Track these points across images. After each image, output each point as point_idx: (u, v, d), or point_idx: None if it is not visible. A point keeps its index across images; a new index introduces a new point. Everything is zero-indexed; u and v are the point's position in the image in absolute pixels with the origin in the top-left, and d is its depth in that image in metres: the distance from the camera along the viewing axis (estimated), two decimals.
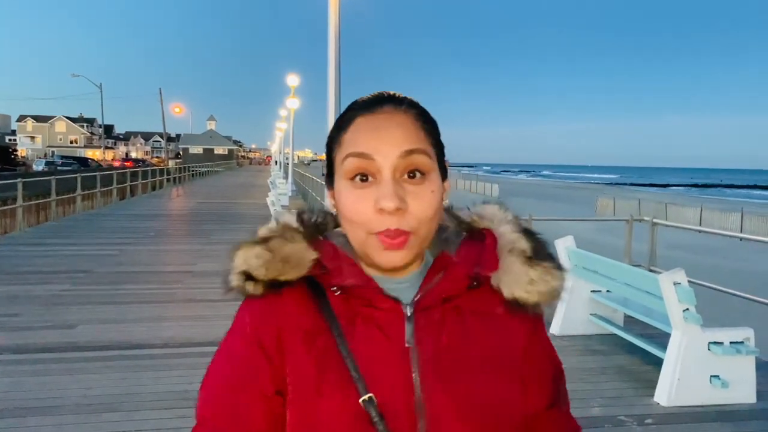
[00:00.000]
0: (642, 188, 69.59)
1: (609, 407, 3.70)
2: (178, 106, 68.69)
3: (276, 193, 14.42)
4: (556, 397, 0.87)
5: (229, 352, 0.79)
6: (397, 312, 0.77)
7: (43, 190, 16.30)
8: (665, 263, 6.81)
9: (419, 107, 0.79)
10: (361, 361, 0.74)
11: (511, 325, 0.82)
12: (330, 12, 6.23)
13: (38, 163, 46.55)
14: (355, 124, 0.77)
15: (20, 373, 4.02)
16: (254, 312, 0.79)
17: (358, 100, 0.80)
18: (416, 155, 0.74)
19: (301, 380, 0.74)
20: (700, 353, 3.71)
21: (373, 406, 0.72)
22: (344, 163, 0.75)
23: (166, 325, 5.20)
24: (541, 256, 0.81)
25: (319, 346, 0.75)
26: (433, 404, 0.74)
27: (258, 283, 0.77)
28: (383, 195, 0.72)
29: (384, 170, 0.73)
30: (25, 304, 5.81)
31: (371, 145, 0.74)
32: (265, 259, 0.76)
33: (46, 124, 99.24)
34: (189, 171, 38.12)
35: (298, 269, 0.77)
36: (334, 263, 0.78)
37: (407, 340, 0.76)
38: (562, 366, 0.90)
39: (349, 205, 0.74)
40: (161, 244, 10.56)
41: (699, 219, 24.47)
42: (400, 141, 0.74)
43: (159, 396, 3.69)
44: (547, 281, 0.79)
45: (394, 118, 0.76)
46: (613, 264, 4.72)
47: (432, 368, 0.75)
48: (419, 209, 0.73)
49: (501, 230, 0.83)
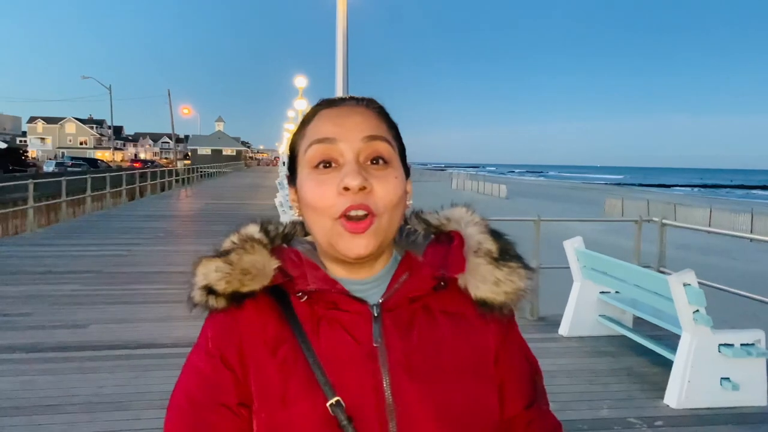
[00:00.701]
0: (649, 189, 69.24)
1: (618, 409, 3.69)
2: (186, 108, 68.93)
3: (284, 194, 14.44)
4: (535, 395, 0.87)
5: (193, 369, 0.79)
6: (363, 313, 0.76)
7: (53, 191, 16.43)
8: (674, 264, 6.77)
9: (380, 106, 0.82)
10: (328, 365, 0.73)
11: (482, 325, 0.82)
12: (338, 14, 6.26)
13: (48, 164, 46.87)
14: (318, 116, 0.79)
15: (33, 372, 4.05)
16: (216, 326, 0.78)
17: (320, 100, 0.83)
18: (378, 141, 0.76)
19: (266, 390, 0.74)
20: (710, 355, 3.70)
21: (341, 410, 0.71)
22: (308, 151, 0.77)
23: (176, 325, 5.23)
24: (508, 256, 0.81)
25: (283, 354, 0.75)
26: (403, 405, 0.73)
27: (219, 296, 0.76)
28: (347, 173, 0.73)
29: (347, 153, 0.75)
30: (36, 304, 5.86)
31: (334, 130, 0.76)
32: (224, 272, 0.76)
33: (56, 125, 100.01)
34: (197, 172, 38.28)
35: (260, 279, 0.76)
36: (297, 270, 0.78)
37: (375, 340, 0.75)
38: (538, 364, 0.90)
39: (313, 190, 0.75)
40: (170, 245, 10.61)
41: (708, 220, 24.32)
42: (362, 127, 0.76)
43: (168, 395, 3.68)
44: (513, 281, 0.79)
45: (355, 109, 0.79)
46: (622, 265, 4.70)
47: (402, 368, 0.74)
48: (383, 192, 0.74)
49: (468, 232, 0.83)
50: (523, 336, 0.90)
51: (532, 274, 0.82)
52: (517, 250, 0.84)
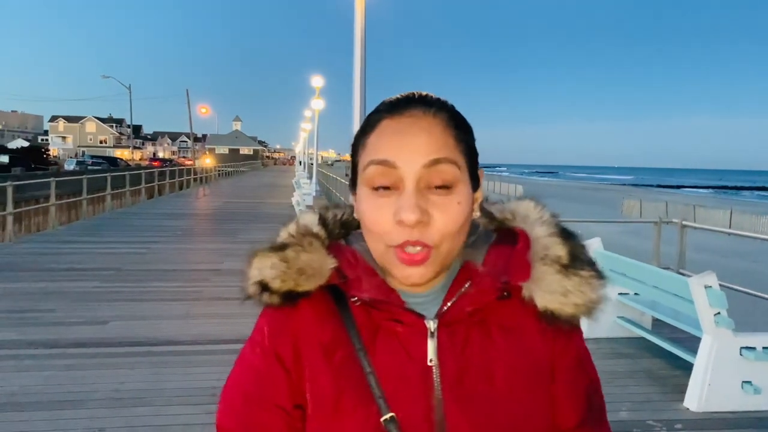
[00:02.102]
0: (667, 190, 68.36)
1: (637, 412, 3.66)
2: (204, 107, 69.54)
3: (300, 194, 14.52)
4: (588, 413, 0.80)
5: (247, 363, 0.78)
6: (419, 327, 0.73)
7: (74, 189, 16.67)
8: (694, 266, 6.69)
9: (451, 111, 0.74)
10: (383, 378, 0.71)
11: (541, 338, 0.77)
12: (356, 13, 6.27)
13: (69, 162, 47.58)
14: (380, 127, 0.72)
15: (54, 367, 4.12)
16: (272, 323, 0.77)
17: (385, 101, 0.75)
18: (443, 165, 0.69)
19: (320, 395, 0.72)
20: (731, 358, 3.65)
21: (395, 426, 0.69)
22: (366, 169, 0.71)
23: (194, 323, 5.29)
24: (579, 263, 0.74)
25: (339, 359, 0.73)
26: (454, 426, 0.71)
27: (274, 293, 0.74)
28: (403, 206, 0.67)
29: (407, 180, 0.69)
30: (58, 300, 5.95)
31: (394, 152, 0.69)
32: (280, 270, 0.73)
33: (76, 124, 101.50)
34: (215, 171, 38.58)
35: (316, 279, 0.73)
36: (353, 272, 0.74)
37: (429, 359, 0.72)
38: (599, 380, 0.83)
39: (369, 214, 0.70)
40: (188, 243, 10.71)
41: (729, 221, 23.97)
42: (426, 149, 0.69)
43: (188, 392, 3.75)
44: (584, 293, 0.73)
45: (420, 122, 0.71)
46: (641, 266, 4.66)
47: (454, 388, 0.72)
48: (443, 222, 0.69)
49: (535, 233, 0.76)
50: None
51: (605, 282, 0.75)
52: (589, 254, 0.76)
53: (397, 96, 0.75)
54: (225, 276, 7.40)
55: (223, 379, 3.00)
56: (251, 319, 0.84)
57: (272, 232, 0.83)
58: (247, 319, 4.12)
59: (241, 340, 3.60)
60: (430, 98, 0.74)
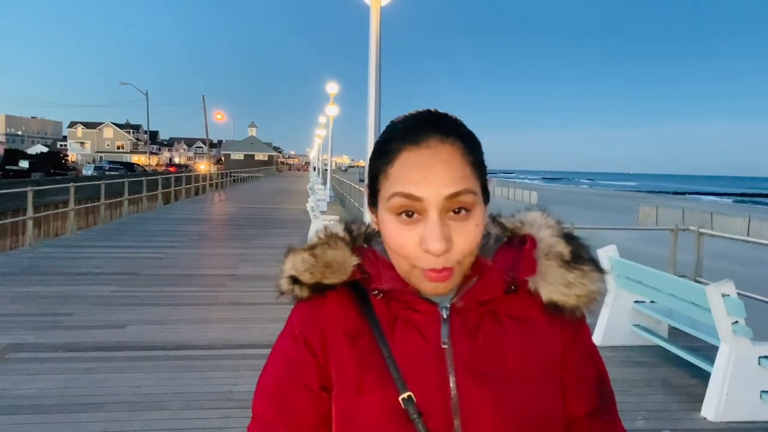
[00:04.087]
0: (684, 197, 67.55)
1: (654, 420, 3.63)
2: (220, 113, 70.05)
3: (315, 199, 14.57)
4: (598, 403, 0.85)
5: (280, 352, 0.85)
6: (433, 314, 0.80)
7: (92, 194, 16.89)
8: (711, 274, 6.62)
9: (464, 135, 0.78)
10: (401, 361, 0.78)
11: (549, 329, 0.83)
12: (371, 21, 6.31)
13: (87, 167, 48.23)
14: (401, 159, 0.76)
15: (73, 371, 4.18)
16: (302, 314, 0.84)
17: (399, 125, 0.79)
18: (463, 195, 0.74)
19: (344, 377, 0.79)
20: (749, 368, 3.61)
21: (411, 405, 0.75)
22: (391, 200, 0.76)
23: (210, 327, 5.33)
24: (580, 259, 0.81)
25: (361, 346, 0.80)
26: (468, 404, 0.76)
27: (304, 286, 0.82)
28: (431, 237, 0.73)
29: (430, 211, 0.74)
30: (77, 304, 6.04)
31: (418, 186, 0.74)
32: (309, 263, 0.82)
33: (94, 130, 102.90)
34: (230, 176, 38.86)
35: (341, 274, 0.82)
36: (374, 268, 0.82)
37: (443, 341, 0.79)
38: (606, 371, 0.89)
39: (395, 238, 0.76)
40: (204, 248, 10.79)
41: (747, 229, 23.65)
42: (447, 182, 0.74)
43: (205, 396, 3.79)
44: (584, 284, 0.80)
45: (440, 153, 0.75)
46: (657, 274, 4.63)
47: (467, 369, 0.78)
48: (463, 245, 0.75)
49: (540, 235, 0.84)
50: None
51: (604, 276, 0.82)
52: (591, 253, 0.84)
53: (411, 119, 0.79)
54: (240, 281, 7.45)
55: (239, 384, 3.10)
56: (266, 325, 0.89)
57: (287, 237, 0.88)
58: (262, 324, 4.21)
59: (256, 345, 3.71)
60: (444, 123, 0.78)
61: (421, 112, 0.80)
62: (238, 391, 3.85)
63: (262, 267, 8.35)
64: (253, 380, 0.85)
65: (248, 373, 4.13)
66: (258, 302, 6.21)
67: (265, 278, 7.28)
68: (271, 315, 5.47)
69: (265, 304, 6.06)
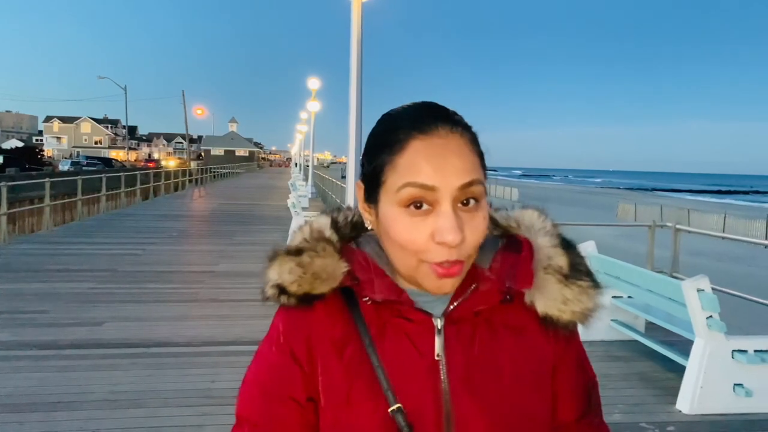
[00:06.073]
0: (662, 194, 68.56)
1: (630, 414, 3.68)
2: (200, 108, 69.47)
3: (296, 195, 14.50)
4: (588, 409, 0.86)
5: (264, 360, 0.82)
6: (427, 324, 0.77)
7: (68, 189, 16.62)
8: (688, 270, 6.73)
9: (467, 127, 0.76)
10: (391, 372, 0.75)
11: (543, 339, 0.82)
12: (353, 15, 6.28)
13: (64, 163, 47.33)
14: (411, 148, 0.72)
15: (49, 369, 4.11)
16: (286, 321, 0.80)
17: (404, 115, 0.76)
18: (474, 186, 0.72)
19: (332, 388, 0.77)
20: (723, 361, 3.68)
21: (401, 416, 0.73)
22: (401, 191, 0.72)
23: (190, 324, 5.28)
24: (578, 273, 0.79)
25: (349, 355, 0.77)
26: (461, 418, 0.75)
27: (291, 296, 0.78)
28: (446, 229, 0.70)
29: (444, 202, 0.71)
30: (52, 302, 5.94)
31: (432, 175, 0.71)
32: (297, 275, 0.77)
33: (71, 125, 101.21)
34: (210, 172, 38.51)
35: (330, 282, 0.78)
36: (365, 275, 0.78)
37: (437, 353, 0.76)
38: (596, 378, 0.89)
39: (404, 232, 0.72)
40: (184, 245, 10.70)
41: (723, 225, 24.08)
42: (461, 173, 0.71)
43: (182, 393, 3.76)
44: (582, 301, 0.78)
45: (450, 144, 0.72)
46: (635, 270, 4.69)
47: (461, 381, 0.76)
48: (474, 238, 0.73)
49: (539, 242, 0.81)
50: None
51: (601, 291, 0.80)
52: (587, 264, 0.81)
53: (417, 109, 0.76)
54: (220, 278, 7.37)
55: (217, 381, 3.08)
56: (246, 321, 0.87)
57: (268, 234, 0.85)
58: (243, 321, 4.19)
59: (236, 342, 3.69)
60: (450, 113, 0.76)
61: (422, 102, 0.77)
62: (217, 388, 3.81)
63: (242, 264, 8.24)
64: (232, 377, 0.84)
65: (227, 370, 4.09)
66: (238, 299, 6.16)
67: (246, 275, 7.18)
68: (252, 312, 5.43)
69: (245, 300, 6.02)
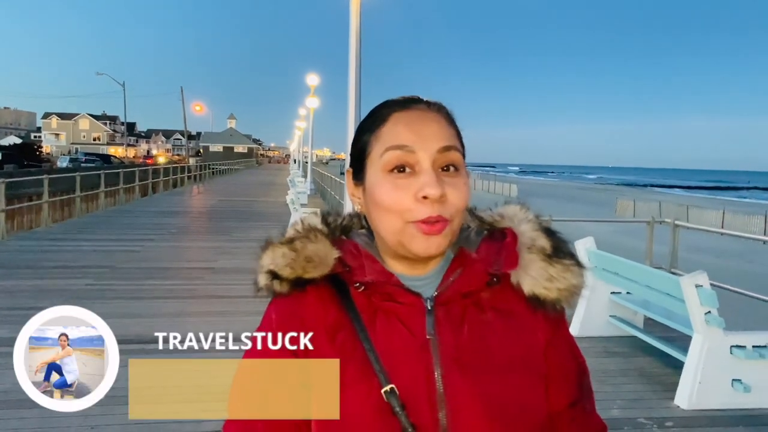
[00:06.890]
0: (661, 190, 68.62)
1: (629, 409, 3.69)
2: (198, 105, 69.38)
3: (295, 192, 14.51)
4: (580, 394, 0.87)
5: (257, 348, 0.82)
6: (417, 306, 0.79)
7: (67, 186, 16.60)
8: (687, 266, 6.73)
9: (449, 112, 0.84)
10: (383, 354, 0.77)
11: (532, 322, 0.83)
12: (352, 11, 6.27)
13: (62, 159, 47.33)
14: (393, 118, 0.80)
15: None
16: (280, 309, 0.82)
17: (389, 100, 0.84)
18: (452, 152, 0.79)
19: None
20: (722, 356, 3.68)
21: (395, 397, 0.75)
22: (384, 155, 0.78)
23: (188, 321, 5.27)
24: (561, 253, 0.83)
25: (342, 339, 0.79)
26: (453, 395, 0.76)
27: (284, 281, 0.80)
28: (428, 183, 0.75)
29: (424, 162, 0.77)
30: (51, 298, 5.93)
31: (412, 138, 0.78)
32: (290, 258, 0.80)
33: (70, 121, 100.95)
34: (209, 169, 38.47)
35: (322, 268, 0.80)
36: (356, 261, 0.81)
37: (428, 332, 0.78)
38: (586, 363, 0.90)
39: (389, 194, 0.77)
40: (182, 241, 10.67)
41: (721, 221, 24.11)
42: (439, 136, 0.78)
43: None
44: (566, 278, 0.81)
45: (429, 114, 0.80)
46: (633, 266, 4.69)
47: (452, 360, 0.77)
48: (457, 198, 0.77)
49: (521, 229, 0.85)
50: None
51: (585, 271, 0.84)
52: (570, 248, 0.85)
53: (400, 97, 0.84)
54: (219, 274, 7.38)
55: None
56: (245, 318, 0.87)
57: (267, 230, 0.86)
58: (242, 318, 4.19)
59: (235, 338, 3.60)
60: (430, 99, 0.83)
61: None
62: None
63: (241, 260, 8.25)
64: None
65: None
66: (237, 295, 6.16)
67: (245, 271, 7.19)
68: (250, 308, 5.38)
69: (244, 297, 6.00)
